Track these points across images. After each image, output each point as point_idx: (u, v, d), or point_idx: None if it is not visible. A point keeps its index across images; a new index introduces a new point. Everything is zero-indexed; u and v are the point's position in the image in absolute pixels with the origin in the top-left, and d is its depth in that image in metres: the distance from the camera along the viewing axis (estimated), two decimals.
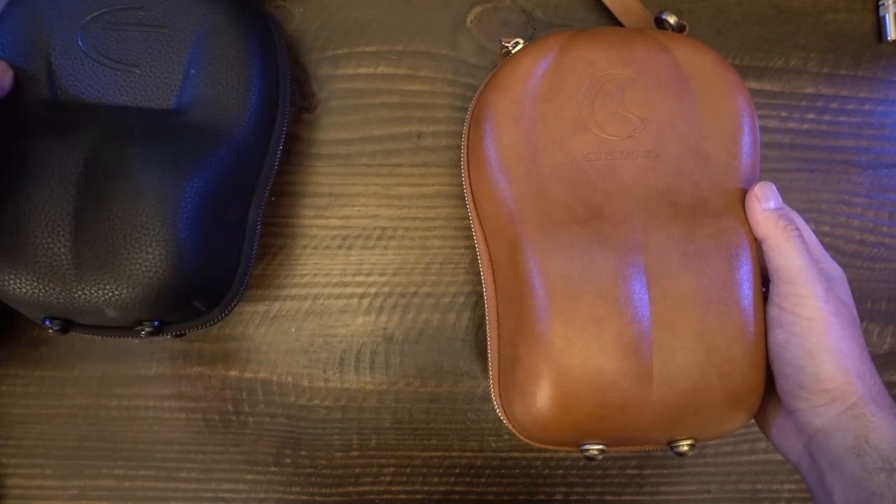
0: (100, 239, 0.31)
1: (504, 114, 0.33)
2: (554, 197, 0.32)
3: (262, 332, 0.42)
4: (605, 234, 0.31)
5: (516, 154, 0.33)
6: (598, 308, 0.30)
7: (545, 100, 0.33)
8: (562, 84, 0.34)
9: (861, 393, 0.29)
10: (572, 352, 0.30)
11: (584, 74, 0.34)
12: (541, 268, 0.31)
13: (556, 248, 0.31)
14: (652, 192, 0.32)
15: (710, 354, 0.30)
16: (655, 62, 0.34)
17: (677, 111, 0.33)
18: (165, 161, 0.32)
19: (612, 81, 0.34)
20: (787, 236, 0.31)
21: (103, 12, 0.35)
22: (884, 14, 0.42)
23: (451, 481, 0.42)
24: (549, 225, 0.32)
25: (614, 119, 0.33)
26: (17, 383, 0.42)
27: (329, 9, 0.42)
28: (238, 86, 0.35)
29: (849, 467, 0.28)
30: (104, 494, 0.42)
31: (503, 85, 0.34)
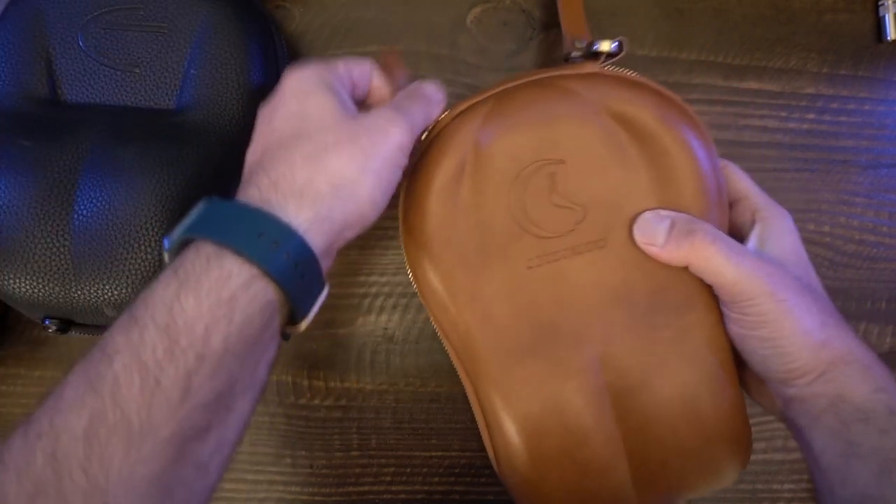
0: (99, 239, 0.31)
1: (433, 239, 0.30)
2: (501, 323, 0.29)
3: None
4: (562, 362, 0.29)
5: (456, 282, 0.30)
6: (567, 442, 0.29)
7: (473, 208, 0.29)
8: (485, 187, 0.29)
9: (827, 361, 0.28)
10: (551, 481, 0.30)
11: (507, 171, 0.29)
12: (506, 411, 0.30)
13: (513, 390, 0.30)
14: (605, 292, 0.29)
15: (687, 460, 0.30)
16: (587, 135, 0.29)
17: (620, 187, 0.29)
18: (165, 161, 0.32)
19: (540, 171, 0.29)
20: (700, 255, 0.28)
21: (103, 12, 0.35)
22: (884, 14, 0.42)
23: (451, 481, 0.42)
24: (503, 360, 0.30)
25: (550, 214, 0.29)
26: (17, 383, 0.42)
27: (329, 9, 0.42)
28: (238, 86, 0.35)
29: (826, 421, 0.28)
30: None
31: (423, 207, 0.30)
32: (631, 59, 0.41)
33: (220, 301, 0.23)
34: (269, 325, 0.24)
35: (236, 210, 0.25)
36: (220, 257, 0.23)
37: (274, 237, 0.24)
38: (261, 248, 0.24)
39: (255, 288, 0.23)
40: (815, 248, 0.42)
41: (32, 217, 0.31)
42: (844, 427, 0.27)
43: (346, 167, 0.26)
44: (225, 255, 0.23)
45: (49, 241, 0.31)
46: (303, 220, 0.25)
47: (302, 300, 0.25)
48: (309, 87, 0.28)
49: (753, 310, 0.28)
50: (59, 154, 0.32)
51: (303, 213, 0.25)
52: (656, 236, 0.29)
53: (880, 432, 0.27)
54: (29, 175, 0.31)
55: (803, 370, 0.29)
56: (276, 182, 0.26)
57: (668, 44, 0.42)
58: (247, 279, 0.23)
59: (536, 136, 0.30)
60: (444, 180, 0.30)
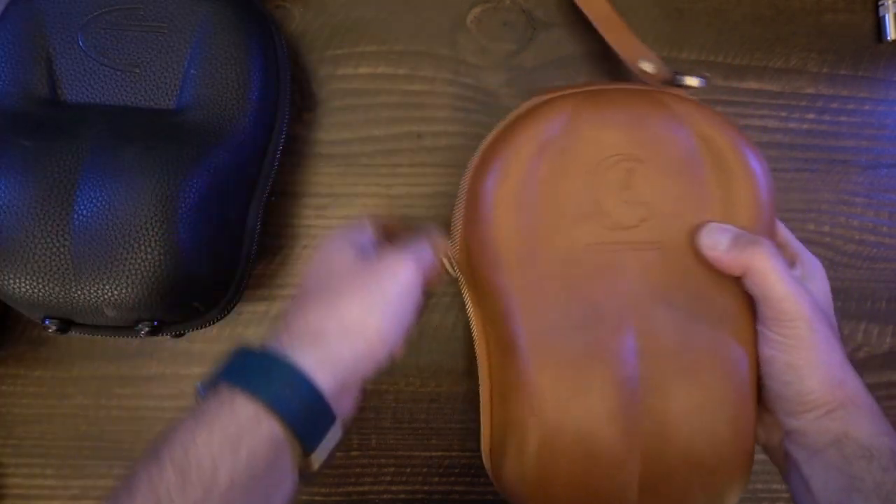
0: (99, 239, 0.31)
1: (503, 202, 0.31)
2: (551, 294, 0.31)
3: (262, 332, 0.42)
4: (601, 343, 0.30)
5: (515, 245, 0.31)
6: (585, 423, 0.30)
7: (548, 183, 0.31)
8: (566, 168, 0.31)
9: (840, 399, 0.29)
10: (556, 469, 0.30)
11: (590, 157, 0.31)
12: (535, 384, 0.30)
13: (548, 364, 0.30)
14: (653, 289, 0.31)
15: (695, 473, 0.30)
16: (669, 143, 0.31)
17: (687, 199, 0.31)
18: (165, 161, 0.32)
19: (619, 165, 0.31)
20: (760, 265, 0.29)
21: (103, 12, 0.35)
22: (883, 14, 0.42)
23: (451, 481, 0.42)
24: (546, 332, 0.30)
25: (620, 207, 0.31)
26: (17, 383, 0.42)
27: (329, 9, 0.42)
28: (238, 86, 0.35)
29: (829, 457, 0.29)
30: (104, 494, 0.41)
31: (504, 170, 0.31)
32: None
33: (227, 437, 0.25)
34: (278, 461, 0.26)
35: (250, 355, 0.28)
36: (231, 397, 0.26)
37: (281, 377, 0.27)
38: (268, 387, 0.26)
39: (261, 425, 0.26)
40: (815, 248, 0.42)
41: (32, 217, 0.31)
42: (847, 463, 0.28)
43: (354, 309, 0.29)
44: (236, 394, 0.26)
45: (49, 241, 0.31)
46: (311, 360, 0.27)
47: (310, 436, 0.27)
48: (333, 247, 0.32)
49: (790, 332, 0.29)
50: (59, 154, 0.32)
51: (312, 355, 0.28)
52: (721, 241, 0.30)
53: (883, 470, 0.27)
54: (29, 175, 0.31)
55: (816, 403, 0.29)
56: (291, 327, 0.29)
57: (668, 44, 0.42)
58: (252, 416, 0.26)
59: (624, 132, 0.31)
60: (530, 151, 0.31)
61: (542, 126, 0.31)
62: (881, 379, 0.42)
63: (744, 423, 0.30)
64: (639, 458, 0.30)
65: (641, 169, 0.31)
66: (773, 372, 0.30)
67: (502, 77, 0.42)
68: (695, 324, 0.30)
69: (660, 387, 0.30)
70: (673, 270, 0.31)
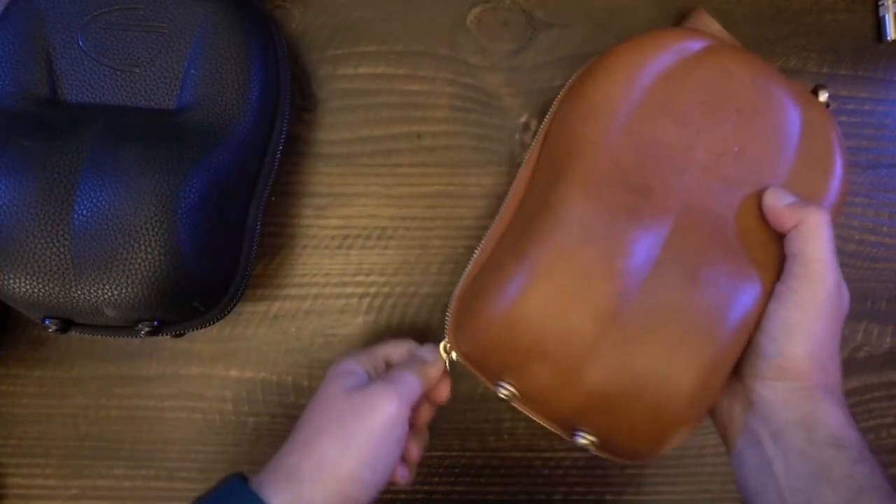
0: (99, 239, 0.31)
1: (623, 68, 0.33)
2: (619, 157, 0.32)
3: (262, 332, 0.42)
4: (640, 211, 0.31)
5: (612, 106, 0.33)
6: (594, 263, 0.30)
7: (666, 78, 0.33)
8: (689, 74, 0.33)
9: (817, 380, 0.29)
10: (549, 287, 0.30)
11: (714, 79, 0.33)
12: (569, 206, 0.31)
13: (591, 198, 0.31)
14: (704, 209, 0.32)
15: (663, 367, 0.29)
16: (782, 108, 0.33)
17: (772, 161, 0.33)
18: (165, 161, 0.32)
19: (734, 100, 0.33)
20: (814, 225, 0.30)
21: (103, 12, 0.35)
22: (883, 14, 0.42)
23: (451, 481, 0.42)
24: (599, 177, 0.32)
25: (714, 132, 0.33)
26: (17, 383, 0.42)
27: (329, 9, 0.42)
28: (238, 86, 0.35)
29: (795, 439, 0.28)
30: (104, 494, 0.42)
31: (639, 45, 0.34)
32: None
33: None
34: None
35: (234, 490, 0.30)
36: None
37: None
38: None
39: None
40: None
41: (32, 217, 0.31)
42: (816, 449, 0.28)
43: (329, 448, 0.30)
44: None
45: (49, 241, 0.31)
46: (281, 501, 0.29)
47: None
48: (329, 377, 0.33)
49: (806, 292, 0.29)
50: (59, 154, 0.32)
51: (282, 495, 0.29)
52: (785, 197, 0.31)
53: (853, 461, 0.27)
54: (29, 175, 0.31)
55: (793, 373, 0.29)
56: (273, 466, 0.30)
57: None
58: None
59: (754, 80, 0.34)
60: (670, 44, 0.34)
61: (691, 37, 0.34)
62: (881, 379, 0.42)
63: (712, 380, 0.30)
64: (602, 365, 0.29)
65: (750, 116, 0.33)
66: (767, 326, 0.30)
67: (502, 77, 0.42)
68: (728, 251, 0.31)
69: (671, 284, 0.30)
70: (730, 209, 0.32)
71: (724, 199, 0.32)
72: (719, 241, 0.31)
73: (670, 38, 0.34)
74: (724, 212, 0.32)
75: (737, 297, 0.30)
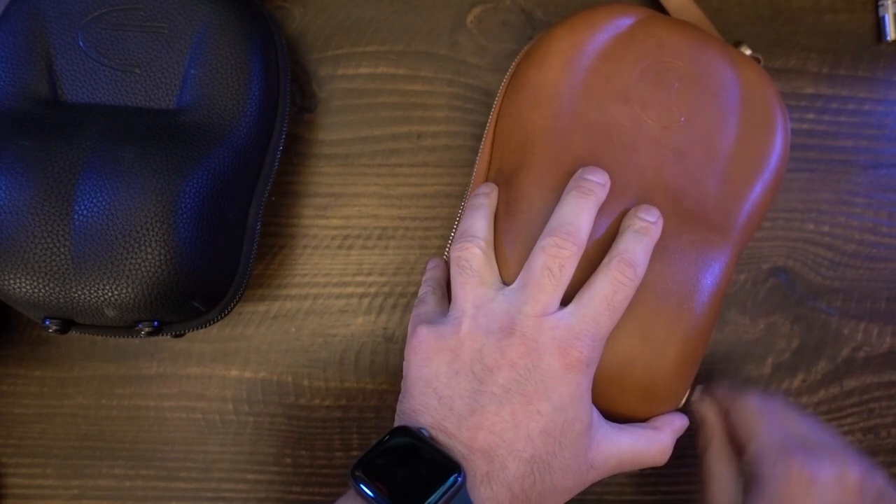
0: (99, 239, 0.31)
1: (563, 53, 0.34)
2: (572, 144, 0.32)
3: (262, 332, 0.42)
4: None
5: (556, 92, 0.33)
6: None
7: (604, 59, 0.33)
8: (626, 51, 0.34)
9: None
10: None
11: (650, 52, 0.34)
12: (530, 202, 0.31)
13: (552, 190, 0.31)
14: (661, 183, 0.32)
15: (644, 345, 0.30)
16: (718, 72, 0.34)
17: (718, 126, 0.33)
18: (165, 161, 0.32)
19: (672, 71, 0.34)
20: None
21: (104, 12, 0.35)
22: (883, 14, 0.42)
23: None
24: (556, 167, 0.32)
25: (658, 106, 0.33)
26: (17, 383, 0.42)
27: (329, 9, 0.42)
28: (238, 86, 0.35)
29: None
30: (104, 494, 0.42)
31: (574, 28, 0.34)
32: None
33: None
34: None
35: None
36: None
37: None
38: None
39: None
40: (815, 248, 0.42)
41: (32, 217, 0.31)
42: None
43: None
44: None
45: (49, 241, 0.31)
46: None
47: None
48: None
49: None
50: (59, 154, 0.32)
51: None
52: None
53: None
54: (29, 175, 0.31)
55: None
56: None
57: None
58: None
59: (688, 47, 0.34)
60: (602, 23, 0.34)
61: (619, 14, 0.35)
62: (881, 379, 0.42)
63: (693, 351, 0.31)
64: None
65: (690, 83, 0.34)
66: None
67: (502, 77, 0.42)
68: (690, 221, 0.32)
69: None
70: (686, 177, 0.33)
71: (678, 170, 0.33)
72: (679, 212, 0.32)
73: (602, 16, 0.34)
74: (679, 182, 0.32)
75: (705, 266, 0.31)
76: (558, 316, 0.29)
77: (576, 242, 0.29)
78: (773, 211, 0.42)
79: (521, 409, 0.27)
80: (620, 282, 0.29)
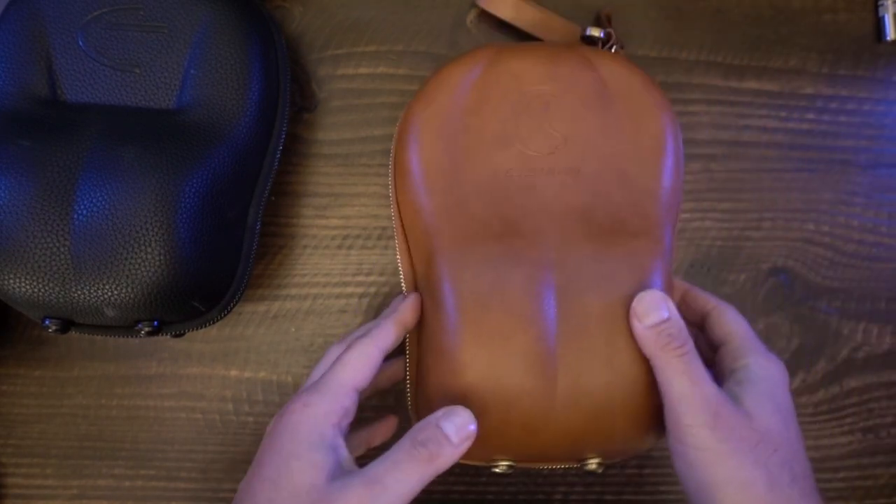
0: (99, 239, 0.31)
1: (428, 126, 0.33)
2: (472, 212, 0.32)
3: (262, 332, 0.42)
4: (518, 251, 0.31)
5: (437, 168, 0.33)
6: (504, 324, 0.30)
7: (471, 112, 0.33)
8: (488, 97, 0.33)
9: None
10: (477, 367, 0.30)
11: (510, 89, 0.33)
12: (452, 282, 0.31)
13: (467, 263, 0.31)
14: (569, 209, 0.32)
15: (615, 375, 0.30)
16: (581, 80, 0.34)
17: (601, 130, 0.33)
18: (165, 161, 0.32)
19: (538, 97, 0.33)
20: (669, 358, 0.28)
21: (104, 12, 0.35)
22: (883, 14, 0.42)
23: (451, 481, 0.42)
24: (464, 240, 0.32)
25: (538, 135, 0.33)
26: (17, 383, 0.42)
27: (329, 9, 0.42)
28: (238, 86, 0.35)
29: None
30: (104, 494, 0.42)
31: (429, 97, 0.34)
32: (631, 58, 0.41)
33: None
34: None
35: None
36: None
37: None
38: None
39: None
40: (815, 248, 0.42)
41: (32, 217, 0.31)
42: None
43: None
44: None
45: (49, 241, 0.31)
46: None
47: None
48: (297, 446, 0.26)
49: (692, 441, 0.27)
50: (59, 154, 0.32)
51: None
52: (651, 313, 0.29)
53: None
54: (29, 175, 0.31)
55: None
56: None
57: (668, 44, 0.42)
58: None
59: (543, 68, 0.34)
60: (455, 81, 0.34)
61: (467, 65, 0.34)
62: (881, 379, 0.42)
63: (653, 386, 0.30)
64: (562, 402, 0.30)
65: (558, 102, 0.33)
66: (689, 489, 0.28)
67: None
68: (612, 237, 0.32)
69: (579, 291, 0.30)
70: (590, 193, 0.32)
71: (578, 189, 0.32)
72: (597, 232, 0.32)
73: (452, 75, 0.34)
74: (585, 200, 0.32)
75: (644, 276, 0.31)
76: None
77: None
78: (772, 211, 0.42)
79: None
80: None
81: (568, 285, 0.31)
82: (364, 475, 0.25)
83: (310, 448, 0.26)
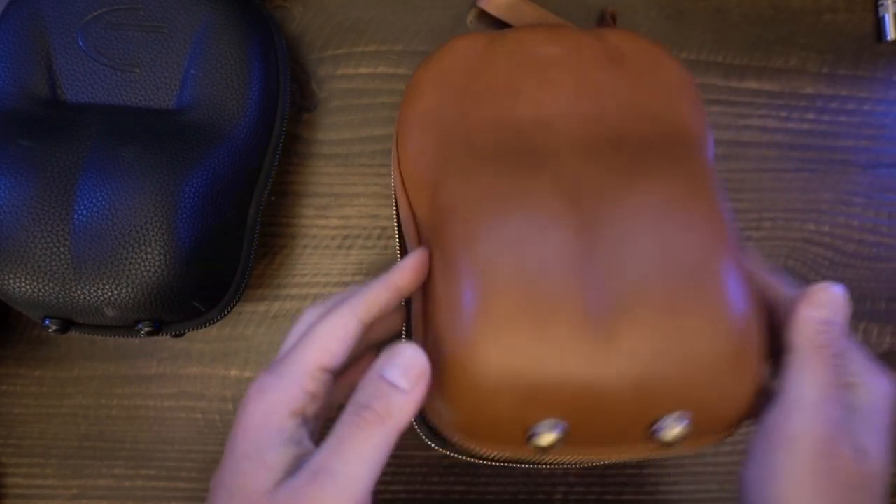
0: (99, 239, 0.31)
1: (434, 81, 0.33)
2: (480, 141, 0.30)
3: (262, 332, 0.42)
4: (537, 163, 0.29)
5: (444, 111, 0.32)
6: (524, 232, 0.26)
7: (477, 70, 0.33)
8: (493, 60, 0.33)
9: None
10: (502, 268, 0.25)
11: (516, 51, 0.33)
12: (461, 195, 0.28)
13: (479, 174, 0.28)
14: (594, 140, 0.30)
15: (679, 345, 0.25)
16: (587, 44, 0.33)
17: (615, 81, 0.32)
18: (165, 161, 0.32)
19: (545, 57, 0.33)
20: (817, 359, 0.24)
21: (104, 12, 0.35)
22: (883, 14, 0.42)
23: (451, 481, 0.42)
24: (473, 159, 0.29)
25: (549, 85, 0.32)
26: (17, 383, 0.42)
27: (329, 9, 0.42)
28: (238, 86, 0.35)
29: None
30: (104, 494, 0.42)
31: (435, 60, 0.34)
32: None
33: None
34: None
35: None
36: None
37: None
38: None
39: None
40: (815, 248, 0.42)
41: (32, 217, 0.31)
42: None
43: None
44: None
45: (49, 241, 0.31)
46: None
47: None
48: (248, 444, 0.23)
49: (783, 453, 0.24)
50: (59, 154, 0.32)
51: None
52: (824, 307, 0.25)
53: None
54: (29, 175, 0.31)
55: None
56: None
57: (668, 44, 0.42)
58: None
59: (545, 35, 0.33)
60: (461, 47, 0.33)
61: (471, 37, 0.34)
62: None
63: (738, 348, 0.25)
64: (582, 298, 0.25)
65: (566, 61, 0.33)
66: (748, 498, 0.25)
67: None
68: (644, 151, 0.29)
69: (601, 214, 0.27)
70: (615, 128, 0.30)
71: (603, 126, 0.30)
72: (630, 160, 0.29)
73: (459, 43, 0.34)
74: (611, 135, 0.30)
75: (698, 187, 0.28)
76: None
77: None
78: (773, 211, 0.42)
79: None
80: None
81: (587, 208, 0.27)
82: (308, 468, 0.22)
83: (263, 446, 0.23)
